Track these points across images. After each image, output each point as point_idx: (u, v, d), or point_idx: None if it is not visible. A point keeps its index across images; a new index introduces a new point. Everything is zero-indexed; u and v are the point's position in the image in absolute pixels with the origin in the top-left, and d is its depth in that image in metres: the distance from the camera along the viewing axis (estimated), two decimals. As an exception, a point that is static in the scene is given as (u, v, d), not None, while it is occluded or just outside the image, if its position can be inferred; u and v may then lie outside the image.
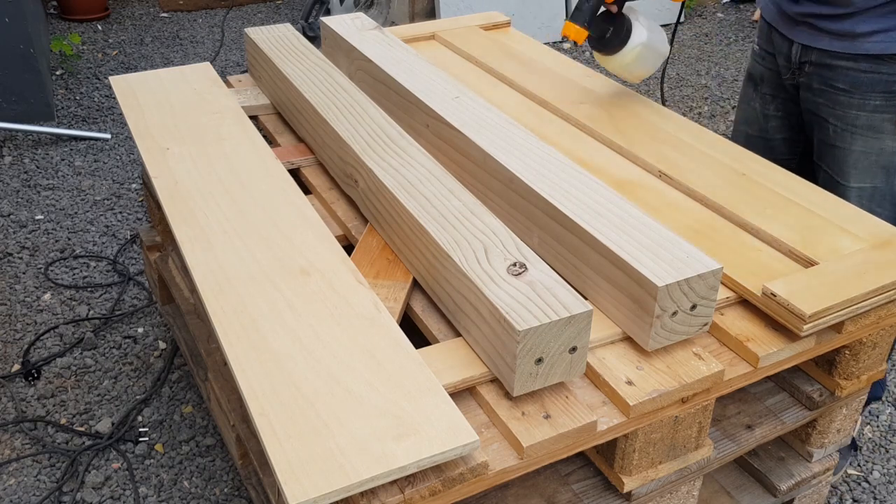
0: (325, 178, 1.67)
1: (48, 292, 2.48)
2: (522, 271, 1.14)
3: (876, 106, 1.65)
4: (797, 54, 1.73)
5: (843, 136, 1.70)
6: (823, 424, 1.49)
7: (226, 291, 1.21)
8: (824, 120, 1.73)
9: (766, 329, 1.25)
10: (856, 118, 1.67)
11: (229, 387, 1.44)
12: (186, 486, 1.86)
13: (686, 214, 1.46)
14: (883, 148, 1.67)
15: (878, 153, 1.68)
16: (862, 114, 1.66)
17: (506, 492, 1.28)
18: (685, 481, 1.31)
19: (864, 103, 1.66)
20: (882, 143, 1.67)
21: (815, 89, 1.73)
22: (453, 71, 2.00)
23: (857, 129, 1.68)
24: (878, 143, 1.67)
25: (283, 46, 1.93)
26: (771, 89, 1.87)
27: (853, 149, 1.69)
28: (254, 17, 4.89)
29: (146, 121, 1.71)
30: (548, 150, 1.43)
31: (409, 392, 1.03)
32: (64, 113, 3.62)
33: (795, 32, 1.72)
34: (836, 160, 1.72)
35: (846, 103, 1.68)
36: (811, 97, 1.75)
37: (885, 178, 1.70)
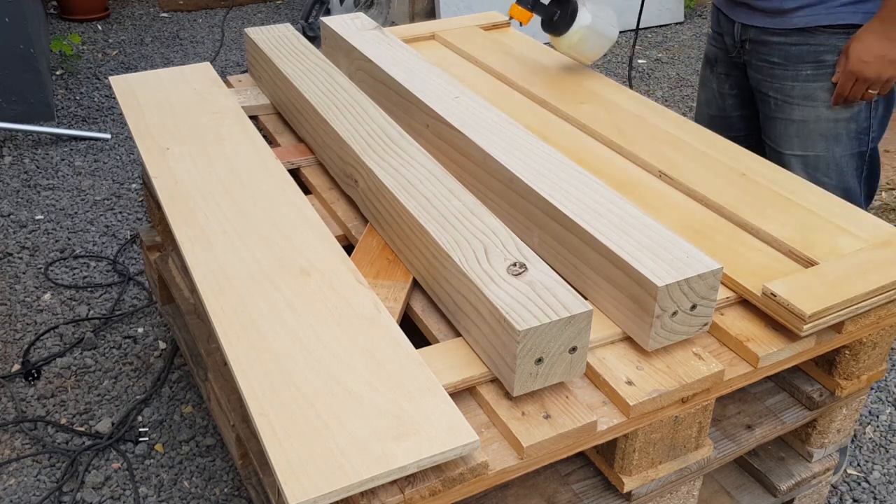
0: (325, 178, 1.67)
1: (48, 292, 2.48)
2: (522, 271, 1.14)
3: (808, 76, 1.77)
4: (738, 33, 1.88)
5: (782, 107, 1.82)
6: (823, 424, 1.49)
7: (226, 291, 1.21)
8: (765, 94, 1.86)
9: (766, 329, 1.25)
10: (791, 89, 1.80)
11: (229, 387, 1.44)
12: (186, 486, 1.86)
13: (686, 214, 1.46)
14: (819, 115, 1.78)
15: (814, 121, 1.79)
16: (796, 84, 1.79)
17: (506, 492, 1.28)
18: (685, 481, 1.31)
19: (797, 74, 1.78)
20: (818, 111, 1.78)
21: (756, 65, 1.86)
22: (453, 71, 2.00)
23: (793, 98, 1.80)
24: (814, 111, 1.78)
25: (283, 46, 1.93)
26: (724, 68, 1.99)
27: (792, 118, 1.81)
28: (254, 17, 4.89)
29: (146, 121, 1.71)
30: (548, 150, 1.43)
31: (409, 392, 1.03)
32: (64, 113, 3.62)
33: (736, 12, 1.87)
34: (777, 131, 1.84)
35: (781, 76, 1.80)
36: (753, 74, 1.88)
37: (825, 146, 1.80)
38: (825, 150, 1.79)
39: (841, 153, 1.80)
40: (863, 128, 1.79)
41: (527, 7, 1.81)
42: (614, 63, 4.28)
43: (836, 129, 1.78)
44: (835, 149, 1.79)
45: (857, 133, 1.78)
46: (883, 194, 3.13)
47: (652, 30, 4.74)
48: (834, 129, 1.78)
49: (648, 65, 4.31)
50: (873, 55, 1.66)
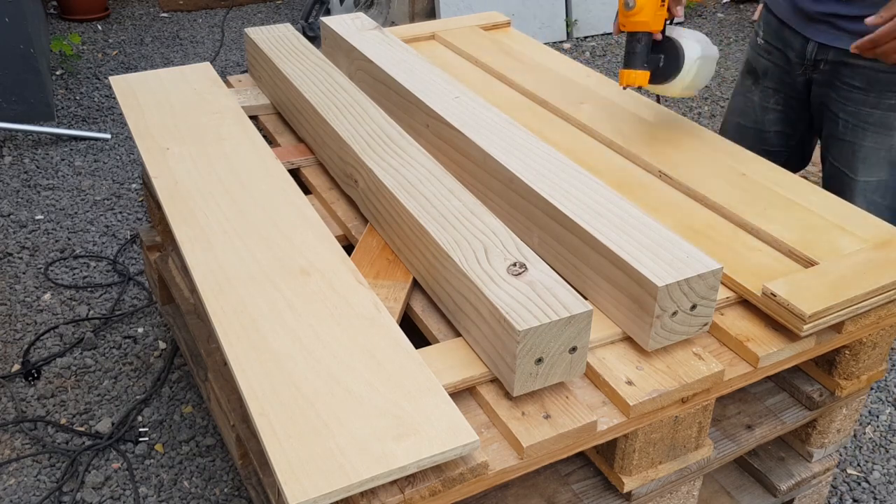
0: (325, 178, 1.67)
1: (48, 292, 2.48)
2: (522, 271, 1.14)
3: (890, 105, 1.69)
4: (813, 52, 1.76)
5: (854, 131, 1.74)
6: (823, 424, 1.49)
7: (226, 291, 1.21)
8: (835, 115, 1.77)
9: (766, 329, 1.25)
10: (869, 115, 1.71)
11: (229, 387, 1.44)
12: (186, 486, 1.86)
13: (686, 214, 1.46)
14: (893, 144, 1.71)
15: (887, 149, 1.72)
16: (876, 111, 1.70)
17: (506, 492, 1.28)
18: (685, 481, 1.31)
19: (879, 101, 1.69)
20: (892, 140, 1.71)
21: (829, 84, 1.76)
22: (453, 71, 2.00)
23: (868, 125, 1.72)
24: (889, 139, 1.71)
25: (283, 46, 1.93)
26: (774, 83, 1.90)
27: (864, 144, 1.73)
28: (254, 17, 4.89)
29: (146, 121, 1.71)
30: (548, 150, 1.43)
31: (409, 392, 1.03)
32: (64, 113, 3.62)
33: (812, 30, 1.74)
34: (844, 154, 1.76)
35: (860, 100, 1.71)
36: (823, 91, 1.78)
37: (889, 172, 1.74)
38: (889, 175, 1.75)
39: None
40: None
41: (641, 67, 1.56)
42: (614, 63, 4.28)
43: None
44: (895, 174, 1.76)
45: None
46: (883, 194, 3.13)
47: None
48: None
49: (648, 65, 4.30)
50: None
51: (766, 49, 1.90)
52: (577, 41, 4.56)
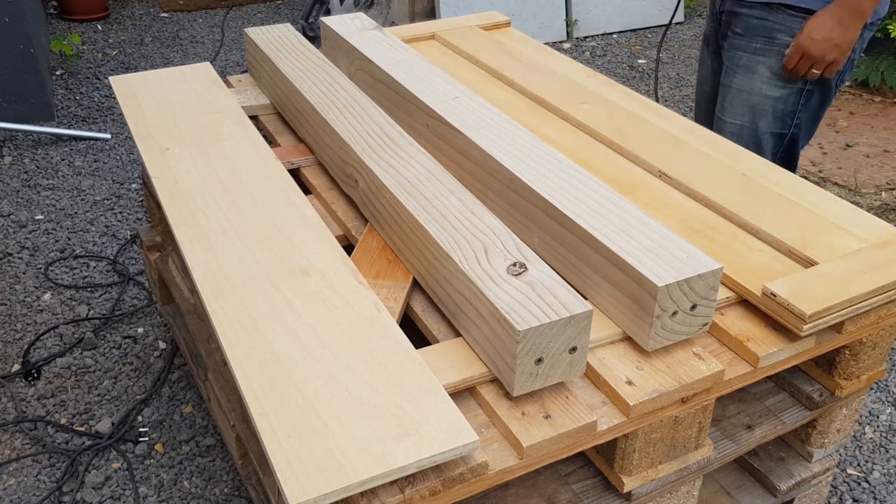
0: (325, 178, 1.67)
1: (48, 292, 2.48)
2: (522, 271, 1.14)
3: (756, 48, 1.89)
4: (718, 5, 2.01)
5: (727, 74, 1.96)
6: (823, 424, 1.49)
7: (226, 291, 1.21)
8: (723, 63, 2.00)
9: (766, 329, 1.25)
10: (739, 58, 1.92)
11: (229, 387, 1.44)
12: (186, 486, 1.86)
13: (686, 214, 1.46)
14: (752, 88, 1.91)
15: (748, 91, 1.91)
16: (744, 55, 1.91)
17: (506, 492, 1.28)
18: (685, 481, 1.31)
19: (748, 45, 1.90)
20: (752, 84, 1.91)
21: (724, 36, 1.99)
22: (453, 71, 2.00)
23: (738, 67, 1.93)
24: (750, 82, 1.91)
25: (283, 46, 1.93)
26: (714, 46, 2.10)
27: (732, 86, 1.95)
28: (254, 17, 4.89)
29: (146, 121, 1.71)
30: (548, 150, 1.43)
31: (409, 392, 1.03)
32: (64, 113, 3.62)
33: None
34: (720, 97, 1.99)
35: (736, 45, 1.93)
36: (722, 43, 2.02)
37: (751, 118, 1.92)
38: (750, 121, 1.92)
39: (763, 128, 1.92)
40: (788, 111, 1.91)
41: None
42: (614, 63, 4.29)
43: (763, 103, 1.91)
44: (759, 123, 1.91)
45: (781, 114, 1.90)
46: (883, 194, 3.14)
47: (651, 30, 4.74)
48: (762, 104, 1.91)
49: (648, 64, 4.31)
50: (822, 35, 1.76)
51: (709, 17, 2.12)
52: (577, 41, 4.56)
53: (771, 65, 1.86)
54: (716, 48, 2.09)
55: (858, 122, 3.70)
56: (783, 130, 1.92)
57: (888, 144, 3.50)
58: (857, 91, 3.96)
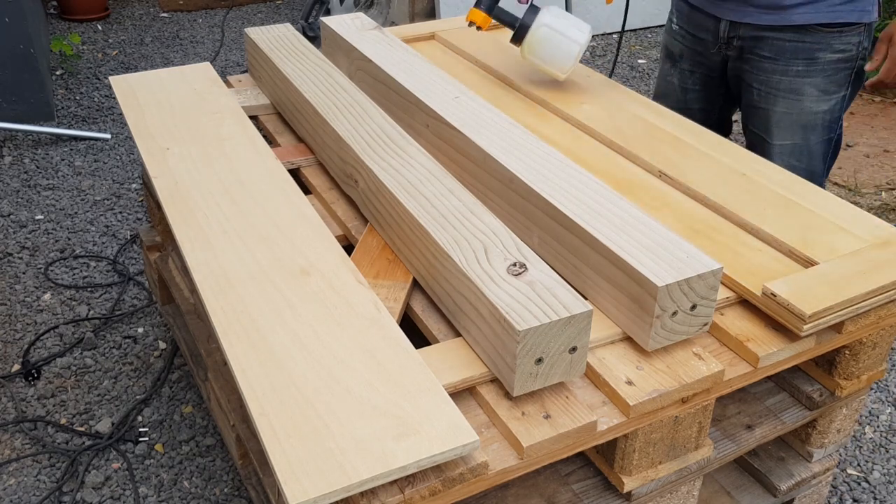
0: (325, 178, 1.67)
1: (48, 292, 2.48)
2: (522, 271, 1.14)
3: (798, 71, 1.84)
4: (725, 30, 1.91)
5: (766, 98, 1.90)
6: (823, 424, 1.49)
7: (226, 291, 1.21)
8: (749, 85, 1.93)
9: (766, 329, 1.25)
10: (778, 83, 1.87)
11: (229, 387, 1.44)
12: (186, 486, 1.86)
13: (686, 214, 1.46)
14: (802, 109, 1.87)
15: (798, 113, 1.87)
16: (785, 78, 1.86)
17: (506, 492, 1.28)
18: (685, 481, 1.31)
19: (787, 69, 1.85)
20: (802, 105, 1.87)
21: (742, 59, 1.91)
22: (453, 71, 2.00)
23: (779, 91, 1.87)
24: (799, 104, 1.87)
25: (283, 46, 1.93)
26: (690, 65, 2.05)
27: (776, 110, 1.89)
28: (254, 17, 4.89)
29: (146, 121, 1.71)
30: (548, 150, 1.43)
31: (409, 392, 1.03)
32: (64, 113, 3.62)
33: (722, 9, 1.89)
34: (760, 121, 1.93)
35: (770, 69, 1.87)
36: (738, 66, 1.94)
37: (803, 136, 1.89)
38: (802, 138, 1.89)
39: (815, 141, 1.90)
40: (836, 118, 1.90)
41: (482, 9, 1.79)
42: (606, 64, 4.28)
43: (814, 119, 1.87)
44: (811, 137, 1.89)
45: (830, 122, 1.89)
46: (883, 194, 3.14)
47: (651, 30, 4.74)
48: (812, 121, 1.88)
49: (648, 65, 4.31)
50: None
51: (680, 34, 2.05)
52: (577, 41, 4.55)
53: (817, 83, 1.84)
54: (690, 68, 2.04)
55: (858, 122, 3.70)
56: (832, 135, 1.92)
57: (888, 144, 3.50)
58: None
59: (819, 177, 1.95)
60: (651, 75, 4.17)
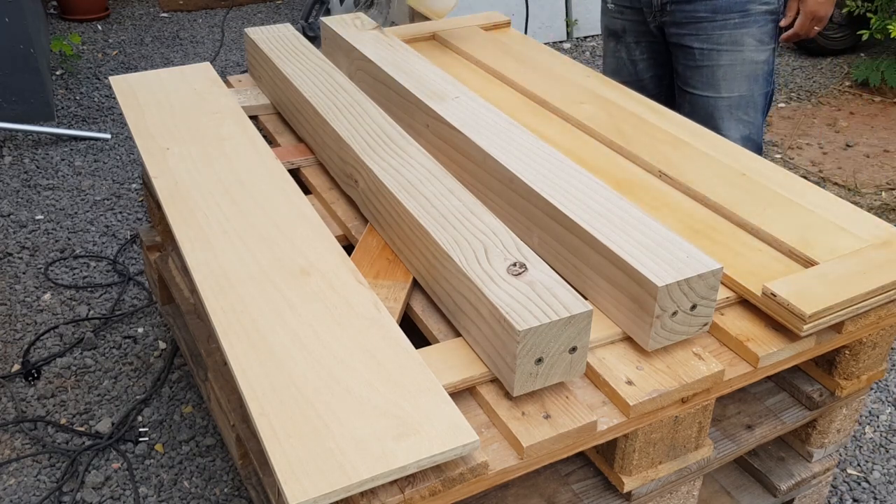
0: (325, 178, 1.67)
1: (48, 292, 2.48)
2: (522, 271, 1.14)
3: (735, 23, 1.97)
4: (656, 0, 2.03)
5: (709, 55, 2.01)
6: (823, 424, 1.49)
7: (226, 291, 1.21)
8: (688, 48, 2.04)
9: (766, 329, 1.25)
10: (720, 37, 1.99)
11: (229, 387, 1.44)
12: (186, 486, 1.86)
13: (686, 214, 1.46)
14: (744, 59, 2.00)
15: (740, 63, 2.00)
16: (724, 32, 1.98)
17: (506, 492, 1.28)
18: (685, 481, 1.31)
19: (725, 23, 1.97)
20: (743, 55, 1.99)
21: (680, 23, 2.02)
22: (453, 71, 2.00)
23: (721, 45, 1.99)
24: (741, 55, 1.99)
25: (283, 46, 1.93)
26: (634, 37, 2.17)
27: (720, 63, 2.01)
28: (254, 17, 4.89)
29: (146, 121, 1.71)
30: (548, 150, 1.43)
31: (409, 392, 1.03)
32: (64, 113, 3.62)
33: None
34: (705, 78, 2.04)
35: (709, 27, 1.99)
36: (675, 31, 2.05)
37: (748, 86, 2.01)
38: (748, 89, 2.01)
39: (758, 92, 2.02)
40: (770, 69, 2.03)
41: None
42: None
43: (755, 70, 2.01)
44: (754, 88, 2.01)
45: (767, 74, 2.03)
46: (883, 194, 3.14)
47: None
48: (754, 70, 2.01)
49: (648, 65, 4.30)
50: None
51: (618, 10, 2.17)
52: (577, 41, 4.56)
53: (753, 33, 1.97)
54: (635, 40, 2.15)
55: (858, 122, 3.70)
56: (768, 88, 2.06)
57: (888, 144, 3.50)
58: (857, 91, 3.96)
59: (760, 128, 2.09)
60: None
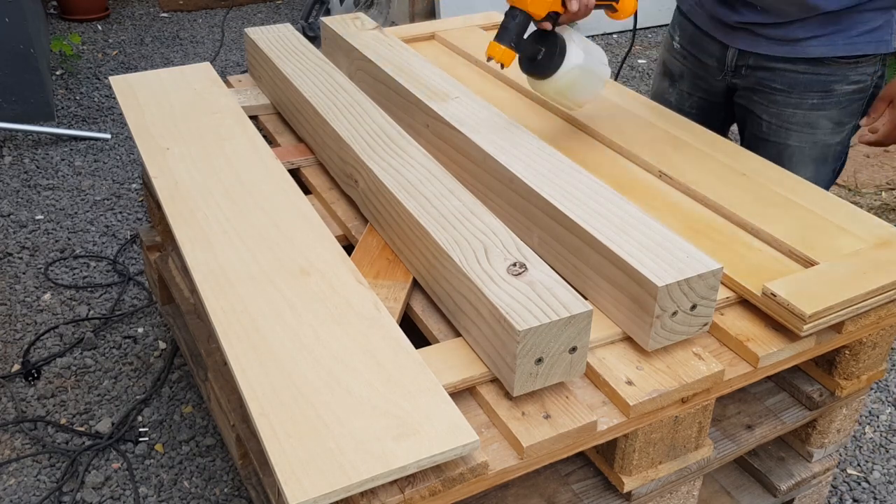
0: (325, 178, 1.67)
1: (48, 292, 2.48)
2: (522, 271, 1.14)
3: (813, 104, 1.75)
4: (733, 58, 1.80)
5: (778, 132, 1.80)
6: (823, 424, 1.49)
7: (226, 291, 1.21)
8: (758, 117, 1.82)
9: (766, 329, 1.25)
10: (792, 115, 1.77)
11: (229, 387, 1.44)
12: (186, 486, 1.86)
13: (686, 214, 1.46)
14: (816, 142, 1.78)
15: (811, 147, 1.79)
16: (798, 111, 1.76)
17: (506, 492, 1.28)
18: (685, 481, 1.31)
19: (801, 102, 1.75)
20: (815, 138, 1.78)
21: (751, 89, 1.81)
22: (453, 71, 2.00)
23: (792, 125, 1.78)
24: (812, 137, 1.78)
25: (283, 46, 1.93)
26: (689, 87, 1.95)
27: (789, 143, 1.80)
28: (254, 17, 4.89)
29: (146, 121, 1.71)
30: (548, 150, 1.43)
31: (409, 392, 1.03)
32: (64, 113, 3.62)
33: (732, 38, 1.78)
34: (770, 154, 1.80)
35: (782, 102, 1.77)
36: (746, 95, 1.83)
37: (814, 169, 1.82)
38: (813, 172, 1.80)
39: (825, 171, 1.83)
40: (846, 146, 1.83)
41: (509, 45, 1.46)
42: (614, 63, 4.28)
43: (826, 152, 1.80)
44: (821, 169, 1.82)
45: (840, 152, 1.83)
46: (883, 194, 3.14)
47: (652, 29, 4.74)
48: (825, 153, 1.80)
49: (648, 65, 4.31)
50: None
51: (681, 54, 1.93)
52: (577, 41, 4.55)
53: (832, 116, 1.76)
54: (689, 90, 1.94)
55: (858, 122, 3.70)
56: (837, 165, 1.86)
57: (888, 144, 3.49)
58: (857, 91, 3.95)
59: None
60: (651, 75, 4.17)
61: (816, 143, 1.78)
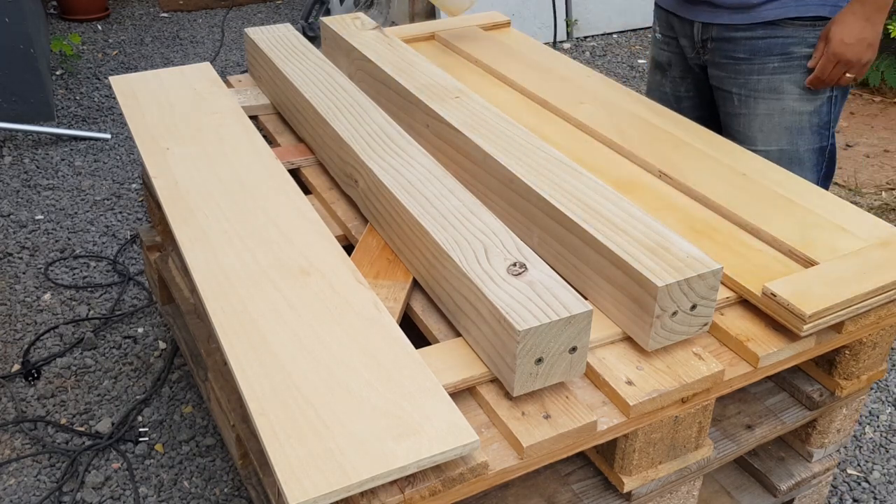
0: (325, 178, 1.67)
1: (48, 292, 2.48)
2: (522, 271, 1.14)
3: (774, 68, 1.77)
4: (698, 33, 1.86)
5: (746, 102, 1.82)
6: (823, 424, 1.49)
7: (226, 291, 1.21)
8: (727, 92, 1.86)
9: (766, 329, 1.25)
10: (757, 82, 1.80)
11: (229, 387, 1.44)
12: (186, 486, 1.86)
13: (686, 214, 1.46)
14: (784, 108, 1.79)
15: (780, 113, 1.79)
16: (762, 77, 1.79)
17: (506, 492, 1.28)
18: (685, 481, 1.31)
19: (763, 67, 1.78)
20: (783, 104, 1.79)
21: (719, 63, 1.85)
22: (453, 71, 2.00)
23: (759, 92, 1.80)
24: (780, 103, 1.79)
25: (283, 46, 1.93)
26: (680, 72, 1.99)
27: (757, 112, 1.81)
28: (254, 17, 4.89)
29: (146, 121, 1.71)
30: (548, 150, 1.43)
31: (409, 392, 1.03)
32: (64, 113, 3.62)
33: (694, 12, 1.84)
34: (741, 127, 1.84)
35: (747, 70, 1.80)
36: (715, 72, 1.87)
37: (789, 140, 1.81)
38: (789, 143, 1.81)
39: (804, 147, 1.82)
40: (824, 122, 1.81)
41: None
42: (614, 63, 4.29)
43: (800, 121, 1.80)
44: (798, 142, 1.82)
45: (819, 127, 1.82)
46: (883, 194, 3.14)
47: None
48: (798, 122, 1.80)
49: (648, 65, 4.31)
50: (855, 37, 1.69)
51: (664, 42, 2.00)
52: (577, 41, 4.56)
53: (796, 80, 1.77)
54: (681, 75, 1.98)
55: (858, 122, 3.70)
56: (823, 144, 1.83)
57: (888, 144, 3.50)
58: (857, 91, 3.96)
59: None
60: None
61: (785, 109, 1.79)
